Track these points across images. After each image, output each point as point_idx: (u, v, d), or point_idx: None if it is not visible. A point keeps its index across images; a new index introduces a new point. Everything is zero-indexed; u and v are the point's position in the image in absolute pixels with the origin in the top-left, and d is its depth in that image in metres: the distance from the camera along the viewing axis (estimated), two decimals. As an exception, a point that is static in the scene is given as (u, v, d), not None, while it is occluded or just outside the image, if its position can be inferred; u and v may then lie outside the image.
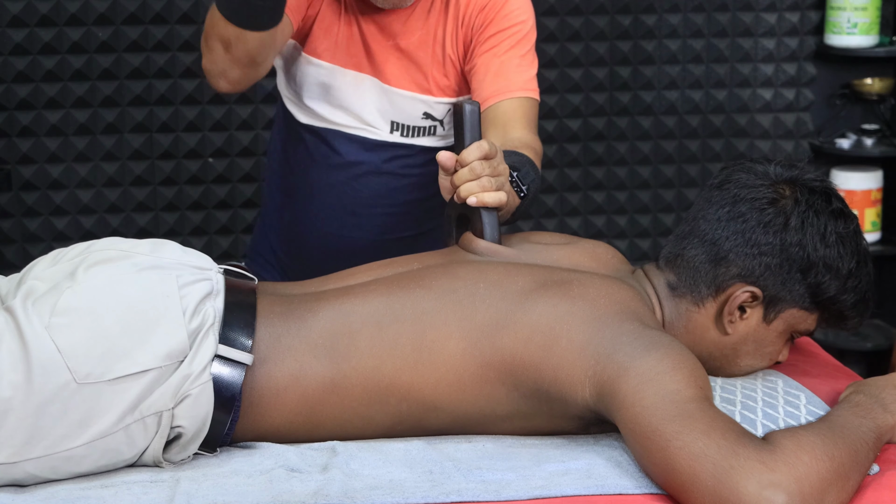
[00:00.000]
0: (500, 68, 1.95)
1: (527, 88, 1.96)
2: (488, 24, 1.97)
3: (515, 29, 1.97)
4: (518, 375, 1.47)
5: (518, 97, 1.95)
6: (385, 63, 2.01)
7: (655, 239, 3.47)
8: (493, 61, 1.96)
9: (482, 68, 1.96)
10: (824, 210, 1.58)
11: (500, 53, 1.96)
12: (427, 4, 1.99)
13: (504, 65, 1.95)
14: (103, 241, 1.56)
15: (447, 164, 1.63)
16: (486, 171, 1.61)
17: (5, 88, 3.13)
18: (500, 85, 1.94)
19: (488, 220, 1.65)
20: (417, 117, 2.04)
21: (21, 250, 3.23)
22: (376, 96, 2.03)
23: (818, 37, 3.40)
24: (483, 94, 1.95)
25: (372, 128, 2.06)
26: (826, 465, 1.28)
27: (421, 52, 2.00)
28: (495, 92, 1.94)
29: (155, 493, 1.36)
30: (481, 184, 1.61)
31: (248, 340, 1.46)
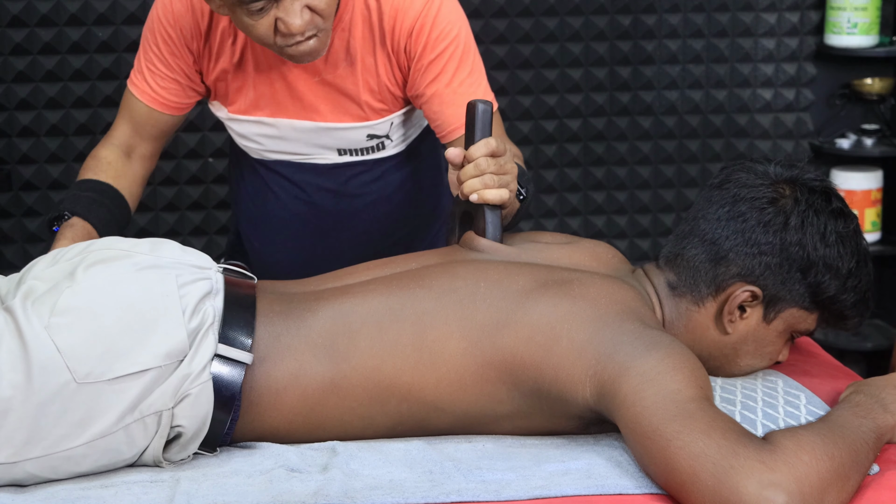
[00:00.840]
0: (454, 97, 1.89)
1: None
2: (423, 51, 1.89)
3: (452, 48, 1.89)
4: (518, 375, 1.47)
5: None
6: (316, 102, 1.95)
7: (655, 239, 3.47)
8: (443, 92, 1.89)
9: (435, 100, 1.90)
10: (824, 209, 1.58)
11: (447, 81, 1.89)
12: (345, 36, 1.90)
13: (456, 92, 1.89)
14: (103, 240, 1.56)
15: (455, 159, 1.64)
16: (490, 168, 1.62)
17: (5, 88, 3.13)
18: (460, 115, 1.87)
19: (490, 219, 1.65)
20: (362, 140, 2.01)
21: (21, 250, 3.23)
22: (315, 135, 1.99)
23: (818, 37, 3.40)
24: (447, 127, 1.90)
25: (320, 157, 2.04)
26: (826, 465, 1.28)
27: (349, 83, 1.94)
28: (459, 124, 1.88)
29: (155, 493, 1.36)
30: (484, 181, 1.62)
31: (247, 339, 1.46)
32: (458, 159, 1.64)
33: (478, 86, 1.92)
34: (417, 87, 1.92)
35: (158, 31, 1.95)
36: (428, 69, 1.90)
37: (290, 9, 1.74)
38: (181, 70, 1.96)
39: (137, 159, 2.03)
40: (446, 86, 1.90)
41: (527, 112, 3.33)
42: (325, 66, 1.93)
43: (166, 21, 1.94)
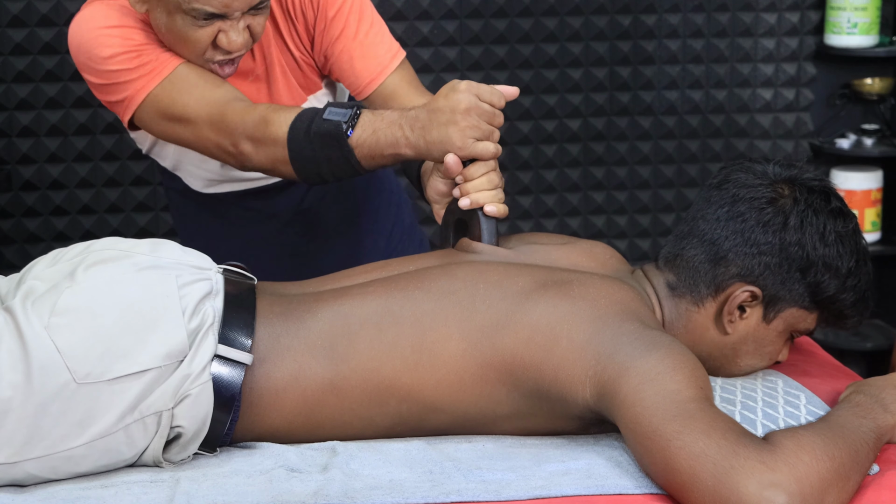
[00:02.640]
0: (363, 50, 1.88)
1: (395, 56, 1.92)
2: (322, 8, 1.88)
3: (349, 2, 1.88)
4: (518, 376, 1.47)
5: (395, 70, 1.91)
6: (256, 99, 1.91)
7: (655, 239, 3.47)
8: (351, 46, 1.88)
9: (344, 57, 1.89)
10: (823, 209, 1.58)
11: (352, 34, 1.89)
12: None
13: (363, 44, 1.89)
14: (103, 240, 1.56)
15: (454, 169, 1.63)
16: (500, 184, 1.65)
17: (5, 88, 3.13)
18: (372, 67, 1.88)
19: (487, 226, 1.65)
20: None
21: (21, 250, 3.23)
22: None
23: (818, 37, 3.40)
24: (361, 81, 1.89)
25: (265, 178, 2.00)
26: (826, 465, 1.28)
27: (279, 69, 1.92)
28: (372, 76, 1.89)
29: (155, 493, 1.36)
30: (498, 195, 1.64)
31: (247, 340, 1.46)
32: (458, 170, 1.64)
33: (382, 38, 1.92)
34: (324, 47, 1.90)
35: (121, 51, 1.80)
36: (330, 26, 1.88)
37: (236, 26, 1.73)
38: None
39: None
40: (352, 39, 1.88)
41: (527, 112, 3.33)
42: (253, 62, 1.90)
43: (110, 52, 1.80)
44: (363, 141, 1.66)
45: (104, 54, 1.79)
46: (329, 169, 1.70)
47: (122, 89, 1.81)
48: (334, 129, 1.66)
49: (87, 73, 1.83)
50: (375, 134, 1.66)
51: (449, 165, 1.63)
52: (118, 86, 1.81)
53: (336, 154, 1.67)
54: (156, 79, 1.80)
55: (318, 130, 1.67)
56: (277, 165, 1.75)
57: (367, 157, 1.68)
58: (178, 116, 1.80)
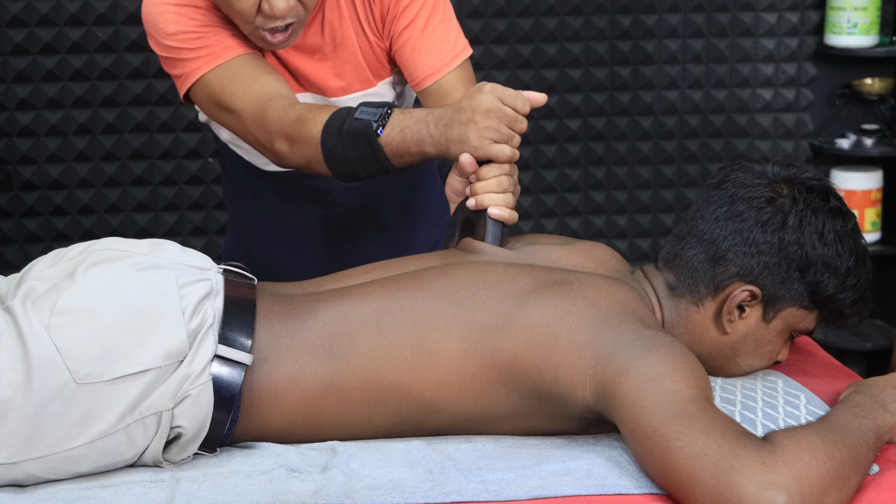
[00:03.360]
0: (428, 44, 1.90)
1: (458, 54, 1.93)
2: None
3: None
4: (518, 376, 1.47)
5: (455, 68, 1.92)
6: (321, 78, 1.94)
7: (655, 239, 3.47)
8: (416, 37, 1.90)
9: (408, 47, 1.91)
10: (822, 208, 1.58)
11: (421, 27, 1.90)
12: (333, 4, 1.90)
13: (429, 38, 1.91)
14: (103, 241, 1.56)
15: (468, 168, 1.65)
16: (510, 189, 1.65)
17: (5, 88, 3.13)
18: (432, 62, 1.90)
19: (491, 227, 1.66)
20: None
21: (21, 250, 3.23)
22: None
23: (818, 37, 3.40)
24: (419, 74, 1.91)
25: None
26: (826, 465, 1.28)
27: (349, 51, 1.93)
28: (431, 71, 1.91)
29: (155, 493, 1.36)
30: (506, 199, 1.65)
31: (247, 340, 1.46)
32: (472, 168, 1.65)
33: (449, 32, 1.93)
34: (392, 33, 1.92)
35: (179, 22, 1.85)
36: (403, 14, 1.90)
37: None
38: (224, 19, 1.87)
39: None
40: (419, 31, 1.90)
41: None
42: (322, 41, 1.92)
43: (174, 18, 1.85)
44: (391, 139, 1.68)
45: (168, 30, 1.85)
46: (361, 167, 1.72)
47: (179, 66, 1.87)
48: (364, 127, 1.69)
49: (152, 43, 1.89)
50: (403, 132, 1.68)
51: (462, 164, 1.64)
52: (177, 61, 1.87)
53: (367, 152, 1.70)
54: (211, 63, 1.84)
55: (349, 129, 1.70)
56: (312, 164, 1.78)
57: (396, 155, 1.70)
58: (224, 105, 1.85)
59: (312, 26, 1.90)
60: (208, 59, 1.84)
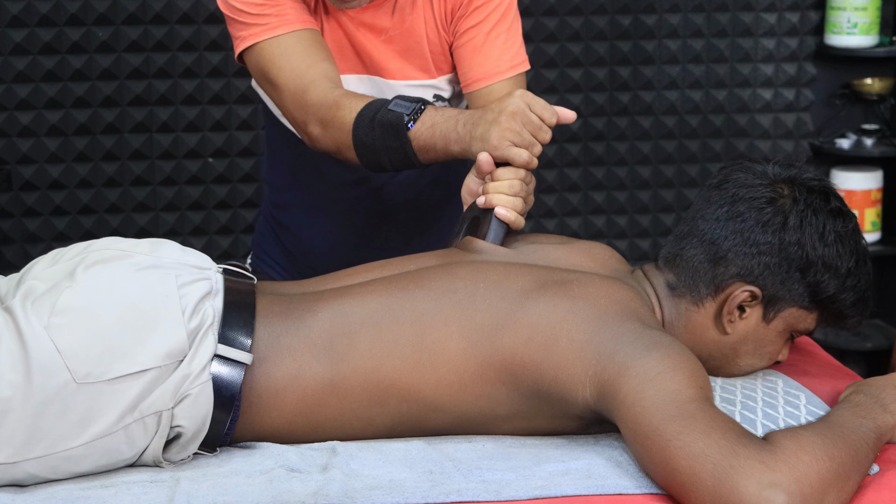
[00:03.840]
0: (488, 48, 1.92)
1: (515, 66, 1.94)
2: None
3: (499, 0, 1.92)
4: (518, 375, 1.47)
5: (508, 78, 1.93)
6: (384, 60, 1.96)
7: (655, 239, 3.47)
8: (479, 39, 1.92)
9: (469, 46, 1.92)
10: (823, 209, 1.58)
11: (487, 30, 1.92)
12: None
13: (492, 43, 1.92)
14: (102, 240, 1.56)
15: (485, 167, 1.66)
16: (522, 194, 1.67)
17: (5, 88, 3.13)
18: (488, 67, 1.92)
19: (495, 227, 1.67)
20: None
21: (21, 250, 3.23)
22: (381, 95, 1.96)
23: (818, 37, 3.40)
24: (472, 76, 1.93)
25: None
26: (826, 465, 1.28)
27: (414, 38, 1.94)
28: (484, 75, 1.92)
29: (155, 493, 1.36)
30: (515, 202, 1.66)
31: (247, 340, 1.46)
32: (488, 169, 1.66)
33: (513, 42, 1.94)
34: (457, 30, 1.93)
35: None
36: (473, 14, 1.91)
37: None
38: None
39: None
40: (485, 33, 1.91)
41: (527, 112, 3.33)
42: (392, 23, 1.93)
43: None
44: (420, 134, 1.70)
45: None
46: (388, 157, 1.74)
47: (238, 28, 1.89)
48: (396, 119, 1.71)
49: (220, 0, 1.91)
50: (433, 128, 1.70)
51: (480, 162, 1.66)
52: (236, 23, 1.89)
53: (395, 144, 1.72)
54: (268, 33, 1.86)
55: (381, 120, 1.72)
56: (342, 150, 1.79)
57: (422, 150, 1.71)
58: (271, 78, 1.87)
59: (384, 7, 1.92)
60: (266, 27, 1.86)
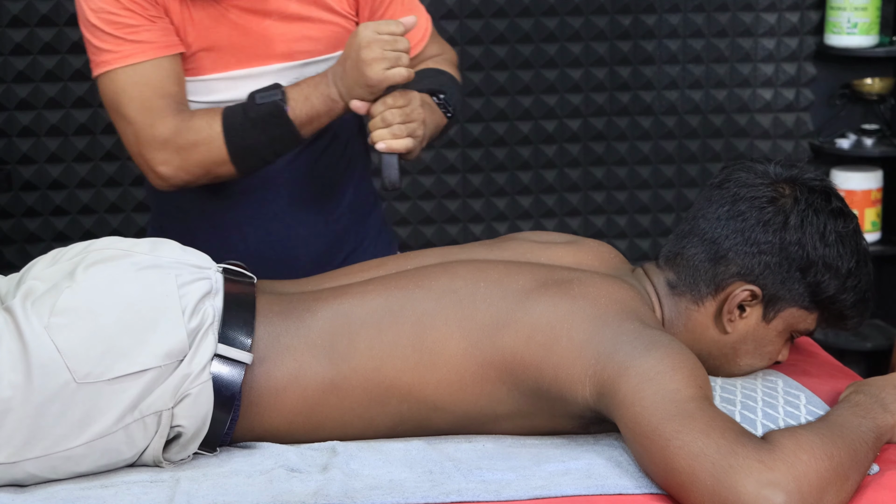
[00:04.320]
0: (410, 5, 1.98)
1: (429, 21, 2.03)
2: None
3: None
4: (519, 374, 1.47)
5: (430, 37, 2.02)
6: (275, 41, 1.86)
7: (655, 239, 3.47)
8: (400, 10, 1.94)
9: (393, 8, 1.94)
10: (824, 209, 1.58)
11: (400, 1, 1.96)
12: None
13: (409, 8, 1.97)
14: (102, 240, 1.56)
15: (360, 110, 1.74)
16: (397, 120, 1.72)
17: (5, 88, 3.13)
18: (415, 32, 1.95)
19: (386, 164, 1.75)
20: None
21: (21, 250, 3.23)
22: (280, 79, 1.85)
23: (818, 37, 3.40)
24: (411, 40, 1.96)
25: None
26: (825, 465, 1.28)
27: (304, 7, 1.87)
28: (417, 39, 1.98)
29: (155, 493, 1.36)
30: (392, 131, 1.72)
31: (247, 339, 1.46)
32: (363, 110, 1.73)
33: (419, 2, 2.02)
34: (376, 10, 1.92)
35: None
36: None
37: None
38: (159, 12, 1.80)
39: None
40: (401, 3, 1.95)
41: (527, 112, 3.33)
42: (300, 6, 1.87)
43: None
44: (300, 110, 1.76)
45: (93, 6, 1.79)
46: (272, 149, 1.78)
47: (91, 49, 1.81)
48: (274, 108, 1.75)
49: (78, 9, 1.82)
50: (308, 100, 1.76)
51: (356, 109, 1.74)
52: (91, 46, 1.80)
53: (280, 131, 1.76)
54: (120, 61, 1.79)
55: (256, 115, 1.75)
56: (211, 169, 1.79)
57: (306, 124, 1.77)
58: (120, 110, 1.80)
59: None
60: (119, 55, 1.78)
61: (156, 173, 1.81)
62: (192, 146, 1.77)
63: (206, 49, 1.85)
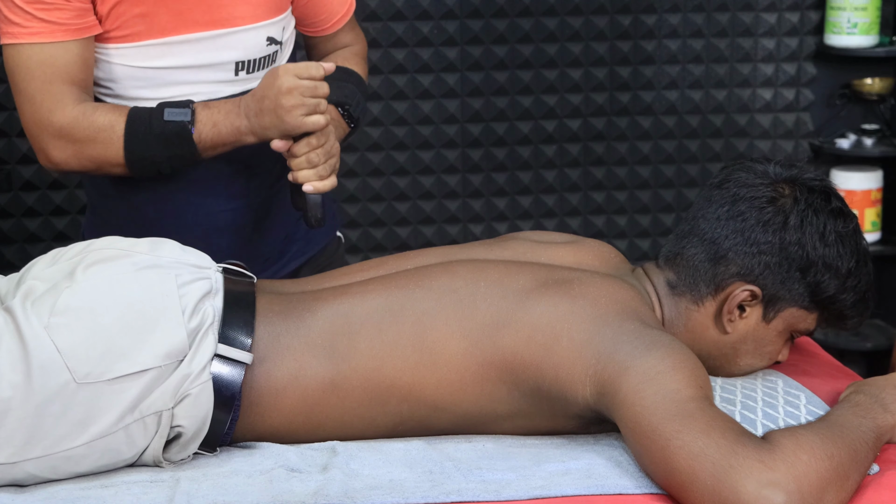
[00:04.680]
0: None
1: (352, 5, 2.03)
2: None
3: None
4: (519, 374, 1.47)
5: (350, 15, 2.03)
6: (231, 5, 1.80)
7: (655, 239, 3.47)
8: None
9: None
10: (823, 209, 1.58)
11: None
12: None
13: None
14: (102, 240, 1.56)
15: (283, 148, 1.73)
16: (321, 160, 1.73)
17: (5, 89, 3.13)
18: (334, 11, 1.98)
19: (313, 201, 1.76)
20: (261, 46, 1.87)
21: (21, 250, 3.23)
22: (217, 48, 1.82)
23: (818, 37, 3.40)
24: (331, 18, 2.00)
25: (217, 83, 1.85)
26: (825, 465, 1.28)
27: None
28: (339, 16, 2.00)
29: (155, 492, 1.36)
30: (318, 172, 1.73)
31: (247, 339, 1.46)
32: (284, 148, 1.73)
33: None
34: None
35: None
36: None
37: None
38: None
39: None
40: None
41: (527, 112, 3.33)
42: None
43: None
44: (206, 136, 1.74)
45: None
46: (169, 164, 1.77)
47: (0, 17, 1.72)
48: (180, 129, 1.74)
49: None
50: (216, 127, 1.74)
51: (277, 148, 1.73)
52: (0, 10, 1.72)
53: (180, 151, 1.75)
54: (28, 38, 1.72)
55: (161, 132, 1.74)
56: (103, 167, 1.78)
57: (210, 149, 1.76)
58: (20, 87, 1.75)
59: None
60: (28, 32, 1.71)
61: (46, 156, 1.78)
62: (90, 141, 1.75)
63: (142, 15, 1.77)
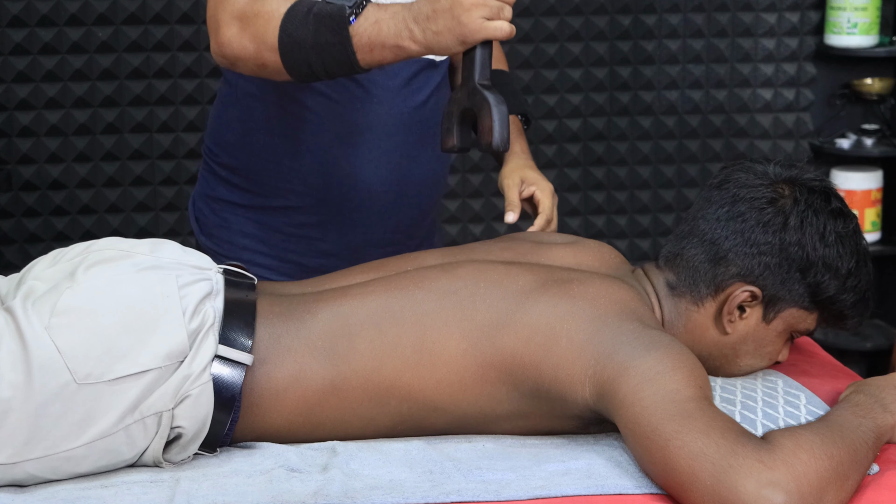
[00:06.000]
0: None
1: None
2: None
3: None
4: (518, 375, 1.47)
5: None
6: None
7: (655, 239, 3.47)
8: None
9: None
10: (823, 209, 1.58)
11: None
12: None
13: None
14: (103, 240, 1.56)
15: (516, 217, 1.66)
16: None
17: (5, 88, 3.13)
18: None
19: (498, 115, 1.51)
20: None
21: (21, 250, 3.23)
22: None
23: (818, 37, 3.40)
24: None
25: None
26: (825, 465, 1.28)
27: None
28: None
29: (155, 493, 1.36)
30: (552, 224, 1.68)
31: (247, 341, 1.46)
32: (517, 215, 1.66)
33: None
34: None
35: None
36: None
37: None
38: None
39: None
40: None
41: (527, 112, 3.33)
42: None
43: None
44: (364, 30, 1.55)
45: None
46: (320, 57, 1.58)
47: None
48: (337, 11, 1.56)
49: None
50: (378, 24, 1.55)
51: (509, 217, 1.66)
52: None
53: (334, 39, 1.56)
54: None
55: (319, 12, 1.57)
56: (262, 52, 1.62)
57: (366, 48, 1.56)
58: None
59: None
60: None
61: (216, 36, 1.65)
62: (255, 16, 1.62)
63: None
